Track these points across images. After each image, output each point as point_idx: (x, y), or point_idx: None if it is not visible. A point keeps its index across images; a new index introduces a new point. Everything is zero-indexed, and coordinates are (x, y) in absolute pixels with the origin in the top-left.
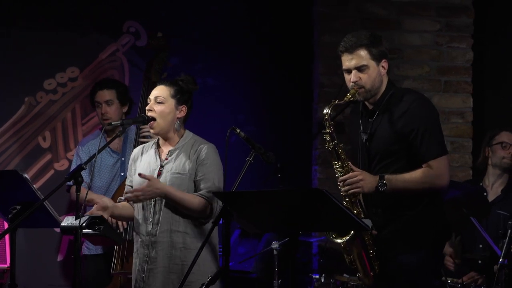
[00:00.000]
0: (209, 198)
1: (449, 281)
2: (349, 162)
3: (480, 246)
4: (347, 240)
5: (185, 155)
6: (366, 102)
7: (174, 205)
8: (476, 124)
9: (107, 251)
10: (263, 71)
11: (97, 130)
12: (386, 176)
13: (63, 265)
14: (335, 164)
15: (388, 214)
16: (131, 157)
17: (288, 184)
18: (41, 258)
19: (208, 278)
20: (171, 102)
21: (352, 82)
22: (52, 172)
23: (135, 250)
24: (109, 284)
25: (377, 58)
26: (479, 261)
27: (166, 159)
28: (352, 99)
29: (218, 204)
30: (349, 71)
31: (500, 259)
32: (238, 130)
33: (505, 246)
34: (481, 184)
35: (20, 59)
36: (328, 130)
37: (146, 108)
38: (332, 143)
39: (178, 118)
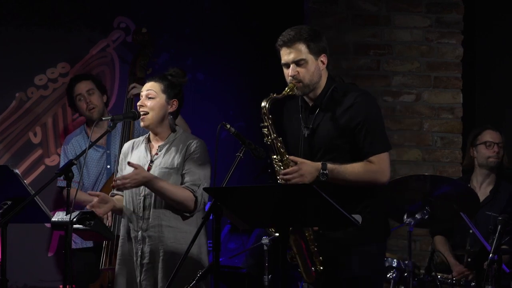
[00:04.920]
0: (193, 191)
1: (439, 276)
2: (287, 155)
3: (469, 247)
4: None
5: (175, 150)
6: (305, 97)
7: (163, 200)
8: (466, 119)
9: (96, 245)
10: (253, 66)
11: (81, 126)
12: (329, 165)
13: (54, 260)
14: (274, 158)
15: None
16: (122, 152)
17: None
18: (32, 253)
19: (199, 274)
20: (162, 97)
21: (290, 76)
22: (43, 167)
23: (120, 244)
24: (98, 279)
25: (315, 53)
26: (469, 259)
27: (156, 154)
28: (290, 93)
29: (202, 199)
30: (287, 65)
31: (490, 255)
32: (228, 126)
33: (495, 241)
34: (468, 185)
35: (11, 55)
36: (266, 124)
37: (138, 104)
38: (271, 136)
39: (170, 112)
